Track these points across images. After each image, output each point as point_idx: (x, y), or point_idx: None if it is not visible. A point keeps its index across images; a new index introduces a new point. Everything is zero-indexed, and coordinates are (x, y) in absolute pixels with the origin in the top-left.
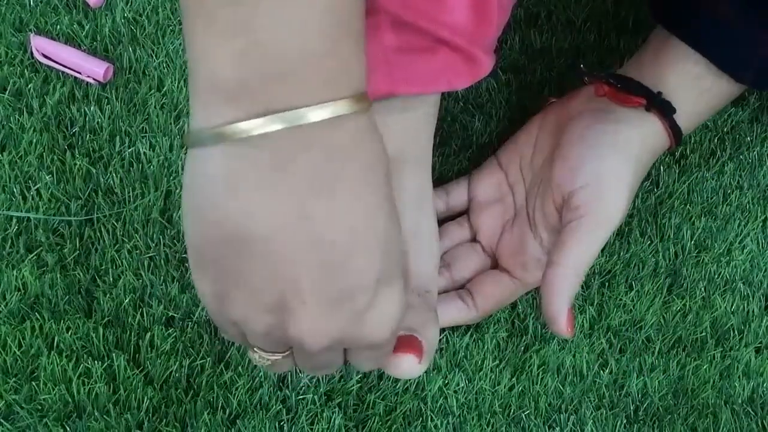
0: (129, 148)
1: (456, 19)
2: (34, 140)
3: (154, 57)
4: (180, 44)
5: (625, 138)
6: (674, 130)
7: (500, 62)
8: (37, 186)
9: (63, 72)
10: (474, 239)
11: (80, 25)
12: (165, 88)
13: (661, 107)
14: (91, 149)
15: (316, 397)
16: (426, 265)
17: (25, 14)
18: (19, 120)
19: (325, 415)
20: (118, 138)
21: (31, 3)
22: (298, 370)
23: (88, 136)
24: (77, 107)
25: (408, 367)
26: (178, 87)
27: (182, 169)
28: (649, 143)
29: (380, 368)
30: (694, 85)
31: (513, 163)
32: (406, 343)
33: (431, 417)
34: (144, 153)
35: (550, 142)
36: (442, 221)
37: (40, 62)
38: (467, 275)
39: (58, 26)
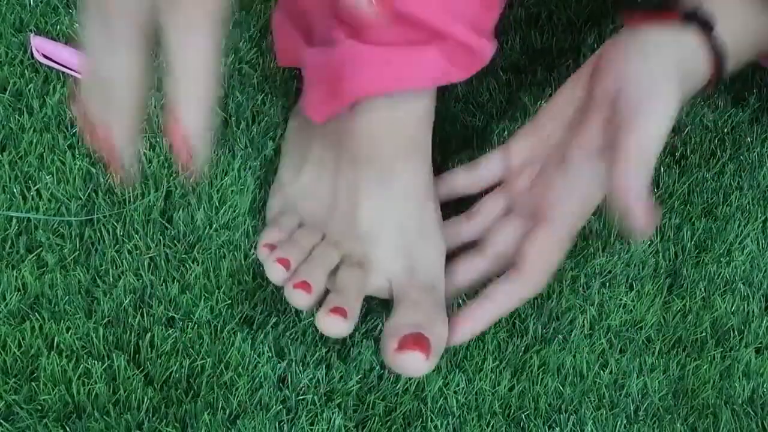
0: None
1: (457, 6)
2: (34, 140)
3: (155, 57)
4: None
5: (664, 58)
6: (717, 50)
7: (501, 62)
8: (37, 186)
9: (63, 72)
10: (508, 211)
11: (81, 25)
12: (164, 88)
13: (699, 19)
14: (90, 149)
15: (316, 397)
16: (431, 261)
17: (25, 14)
18: (19, 120)
19: (325, 415)
20: None
21: (31, 3)
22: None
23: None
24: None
25: (413, 364)
26: None
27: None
28: (688, 66)
29: (388, 366)
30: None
31: (551, 122)
32: (412, 340)
33: (431, 417)
34: (144, 153)
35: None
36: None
37: (40, 62)
38: (508, 249)
39: (58, 26)
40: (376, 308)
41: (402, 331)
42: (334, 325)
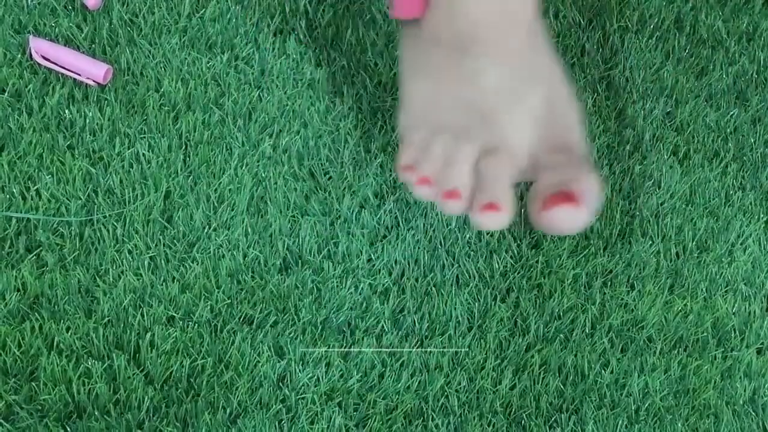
0: (128, 149)
1: None
2: (34, 141)
3: (152, 58)
4: (176, 44)
5: None
6: None
7: None
8: (37, 186)
9: (62, 74)
10: None
11: (79, 27)
12: (162, 89)
13: None
14: (90, 150)
15: (316, 396)
16: (565, 124)
17: (23, 16)
18: (18, 120)
19: (325, 414)
20: (117, 139)
21: (29, 4)
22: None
23: (87, 137)
24: (77, 108)
25: (564, 216)
26: (175, 88)
27: (181, 169)
28: None
29: (540, 230)
30: None
31: None
32: (557, 197)
33: (432, 416)
34: (143, 154)
35: None
36: None
37: (38, 64)
38: None
39: (57, 29)
40: (376, 308)
41: (545, 193)
42: (491, 221)
